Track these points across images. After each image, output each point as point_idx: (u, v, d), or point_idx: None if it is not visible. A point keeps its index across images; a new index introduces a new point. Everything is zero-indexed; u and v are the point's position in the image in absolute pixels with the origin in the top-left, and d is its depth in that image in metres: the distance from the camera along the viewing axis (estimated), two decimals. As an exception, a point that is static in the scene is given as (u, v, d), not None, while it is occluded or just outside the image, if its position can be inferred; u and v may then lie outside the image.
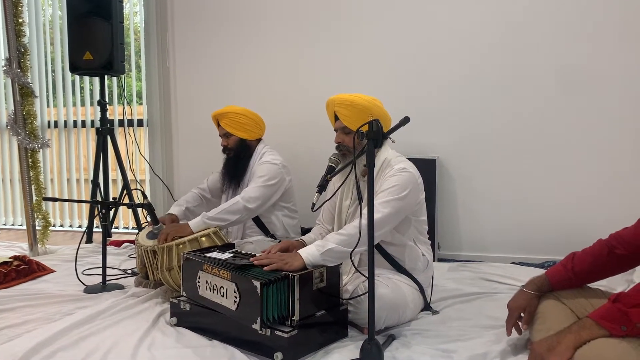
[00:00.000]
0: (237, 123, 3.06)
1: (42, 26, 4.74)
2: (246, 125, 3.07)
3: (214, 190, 3.25)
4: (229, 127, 3.06)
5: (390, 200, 2.15)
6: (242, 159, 3.09)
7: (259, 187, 2.89)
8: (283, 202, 3.10)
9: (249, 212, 2.85)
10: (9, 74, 3.60)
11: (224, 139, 3.11)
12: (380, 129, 1.88)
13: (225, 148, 3.12)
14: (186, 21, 4.12)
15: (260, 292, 1.87)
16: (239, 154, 3.09)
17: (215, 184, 3.25)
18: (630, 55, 3.21)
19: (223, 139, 3.12)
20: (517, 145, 3.43)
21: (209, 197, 3.23)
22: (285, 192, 3.07)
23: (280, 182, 2.99)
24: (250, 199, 2.83)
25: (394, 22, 3.61)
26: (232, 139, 3.09)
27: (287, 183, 3.07)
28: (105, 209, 2.89)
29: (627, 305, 1.56)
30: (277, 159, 3.04)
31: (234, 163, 3.10)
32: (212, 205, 3.12)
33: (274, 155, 3.07)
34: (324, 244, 2.06)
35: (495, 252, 3.46)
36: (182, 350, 2.02)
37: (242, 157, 3.09)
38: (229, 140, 3.10)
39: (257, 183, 2.91)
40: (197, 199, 3.19)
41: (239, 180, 3.09)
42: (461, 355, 1.93)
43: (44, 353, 1.95)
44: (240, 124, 3.06)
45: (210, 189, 3.24)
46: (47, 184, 4.82)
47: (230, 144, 3.09)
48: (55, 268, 3.24)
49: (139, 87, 4.65)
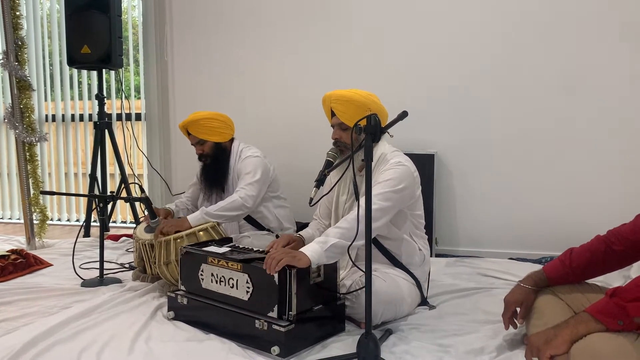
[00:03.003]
0: (208, 128, 2.98)
1: (40, 19, 4.72)
2: (218, 129, 3.01)
3: (194, 201, 3.19)
4: (201, 134, 2.98)
5: (385, 193, 2.14)
6: (220, 162, 3.04)
7: (252, 184, 2.88)
8: (271, 191, 3.09)
9: (247, 209, 2.85)
10: (6, 67, 3.59)
11: (198, 147, 3.04)
12: (378, 124, 1.88)
13: (202, 155, 3.05)
14: (184, 15, 4.11)
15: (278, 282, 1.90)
16: (217, 158, 3.05)
17: (194, 196, 3.20)
18: (630, 56, 3.21)
19: (197, 148, 3.05)
20: (515, 141, 3.43)
21: (191, 208, 3.16)
22: (272, 181, 3.07)
23: (267, 173, 2.98)
24: (248, 197, 2.83)
25: (392, 17, 3.60)
26: (206, 145, 3.03)
27: (272, 172, 3.07)
28: (103, 203, 2.89)
29: (624, 299, 1.56)
30: (257, 152, 3.03)
31: (213, 169, 3.05)
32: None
33: (252, 150, 3.05)
34: (326, 240, 2.01)
35: (493, 248, 3.46)
36: (179, 344, 2.02)
37: (220, 160, 3.05)
38: (203, 147, 3.03)
39: (248, 180, 2.89)
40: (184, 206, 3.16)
41: (221, 184, 3.05)
42: (458, 350, 1.94)
43: (41, 346, 1.95)
44: (211, 128, 2.99)
45: (191, 202, 3.19)
46: (45, 178, 4.82)
47: (206, 150, 3.03)
48: (53, 262, 3.24)
49: (137, 81, 4.64)
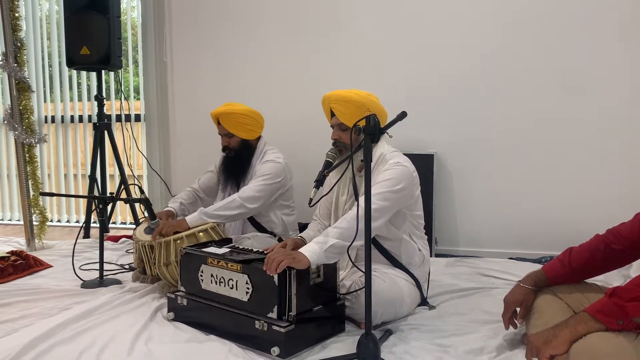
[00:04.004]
0: (240, 124, 2.96)
1: (39, 20, 4.73)
2: (248, 126, 2.99)
3: (206, 189, 3.18)
4: (231, 128, 2.95)
5: (384, 192, 2.14)
6: (243, 158, 3.02)
7: (260, 185, 2.85)
8: (284, 200, 3.07)
9: (247, 210, 2.81)
10: (5, 69, 3.59)
11: (225, 138, 3.02)
12: (377, 124, 1.88)
13: (227, 147, 3.03)
14: (184, 16, 4.11)
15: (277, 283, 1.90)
16: (241, 154, 3.02)
17: (207, 183, 3.17)
18: (630, 55, 3.21)
19: (224, 139, 3.03)
20: (515, 141, 3.43)
21: (202, 196, 3.17)
22: (286, 190, 3.04)
23: (283, 181, 2.95)
24: (249, 198, 2.80)
25: (391, 17, 3.60)
26: (234, 140, 3.00)
27: (289, 181, 3.05)
28: (103, 204, 2.89)
29: (623, 299, 1.56)
30: (280, 157, 2.99)
31: (235, 162, 3.03)
32: (206, 204, 3.07)
33: (277, 154, 3.01)
34: (325, 240, 2.01)
35: (493, 248, 3.46)
36: (179, 345, 2.02)
37: (243, 157, 3.02)
38: (230, 141, 3.01)
39: (258, 181, 2.86)
40: (191, 197, 3.13)
41: (238, 179, 3.03)
42: (458, 350, 1.94)
43: (41, 347, 1.95)
44: (242, 124, 2.96)
45: (202, 188, 3.17)
46: (44, 179, 4.82)
47: (232, 144, 3.01)
48: (53, 263, 3.24)
49: (136, 82, 4.64)
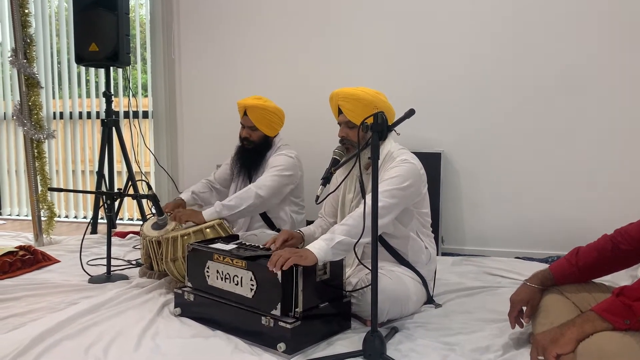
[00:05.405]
0: (266, 120, 2.99)
1: (48, 17, 4.74)
2: (274, 123, 3.02)
3: (221, 180, 3.23)
4: (257, 122, 2.97)
5: (391, 190, 2.13)
6: (260, 152, 3.06)
7: (273, 176, 2.88)
8: (293, 197, 3.09)
9: (261, 199, 2.82)
10: (15, 65, 3.61)
11: (248, 130, 3.03)
12: (385, 122, 1.88)
13: (247, 139, 3.05)
14: (192, 13, 4.12)
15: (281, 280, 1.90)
16: (259, 149, 3.05)
17: (223, 175, 3.23)
18: (631, 55, 3.20)
19: (246, 130, 3.03)
20: (521, 140, 3.42)
21: (217, 187, 3.22)
22: (296, 187, 3.06)
23: (294, 176, 2.98)
24: (263, 186, 2.83)
25: (398, 14, 3.60)
26: (256, 133, 3.02)
27: (300, 178, 3.07)
28: (110, 200, 2.91)
29: (630, 298, 1.56)
30: (293, 153, 3.02)
31: (251, 155, 3.06)
32: (221, 195, 3.14)
33: (289, 150, 3.05)
34: (332, 237, 2.01)
35: (499, 247, 3.45)
36: (186, 340, 2.03)
37: (260, 151, 3.06)
38: (252, 134, 3.02)
39: (272, 172, 2.90)
40: (205, 187, 3.19)
41: (251, 171, 3.07)
42: (464, 348, 1.94)
43: (49, 342, 1.96)
44: (268, 121, 3.00)
45: (218, 179, 3.23)
46: (53, 175, 4.84)
47: (254, 137, 3.03)
48: (60, 258, 3.26)
49: (144, 79, 4.65)
